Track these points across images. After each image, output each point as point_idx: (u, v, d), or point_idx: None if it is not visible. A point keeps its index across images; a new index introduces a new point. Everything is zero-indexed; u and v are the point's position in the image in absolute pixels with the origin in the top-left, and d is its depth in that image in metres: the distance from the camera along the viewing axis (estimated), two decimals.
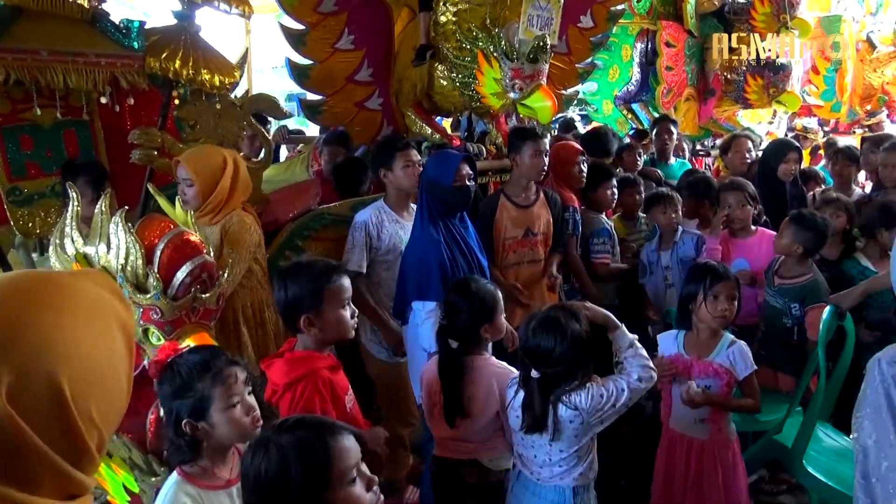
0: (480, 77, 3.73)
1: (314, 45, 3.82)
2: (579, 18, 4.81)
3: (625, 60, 6.98)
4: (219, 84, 3.01)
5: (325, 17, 3.79)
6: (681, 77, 6.93)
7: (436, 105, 4.22)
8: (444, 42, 3.93)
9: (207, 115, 3.07)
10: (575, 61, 5.02)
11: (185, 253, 2.02)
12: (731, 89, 7.31)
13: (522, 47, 3.62)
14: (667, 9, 6.87)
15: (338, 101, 4.02)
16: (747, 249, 3.65)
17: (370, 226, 3.17)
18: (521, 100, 3.65)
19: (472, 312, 2.36)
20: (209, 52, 3.06)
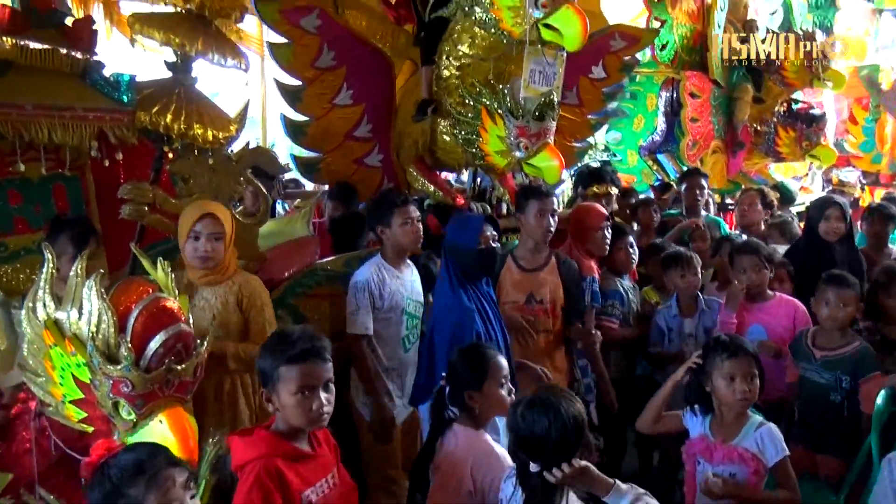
0: (484, 134, 3.77)
1: (311, 102, 3.89)
2: (591, 69, 4.87)
3: (650, 110, 7.04)
4: (212, 138, 3.07)
5: (323, 73, 3.88)
6: (707, 129, 6.94)
7: (438, 161, 4.26)
8: (446, 97, 3.99)
9: (201, 169, 3.09)
10: (587, 112, 5.07)
11: (160, 321, 1.96)
12: (761, 142, 7.34)
13: (528, 104, 3.65)
14: (692, 57, 6.94)
15: (336, 158, 4.09)
16: (764, 316, 3.50)
17: (372, 285, 3.13)
18: (526, 159, 3.67)
19: (461, 375, 2.31)
20: (204, 106, 3.14)
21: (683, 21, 6.78)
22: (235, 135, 3.22)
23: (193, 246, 2.73)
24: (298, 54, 3.85)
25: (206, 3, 3.04)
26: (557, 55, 3.73)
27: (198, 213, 2.76)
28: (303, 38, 3.83)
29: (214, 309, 2.79)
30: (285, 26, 3.79)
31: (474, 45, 3.82)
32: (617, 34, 4.85)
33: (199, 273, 2.78)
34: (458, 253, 2.96)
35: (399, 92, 4.36)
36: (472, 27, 3.79)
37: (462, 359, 2.36)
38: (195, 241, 2.73)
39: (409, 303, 3.21)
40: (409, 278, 3.25)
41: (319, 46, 3.87)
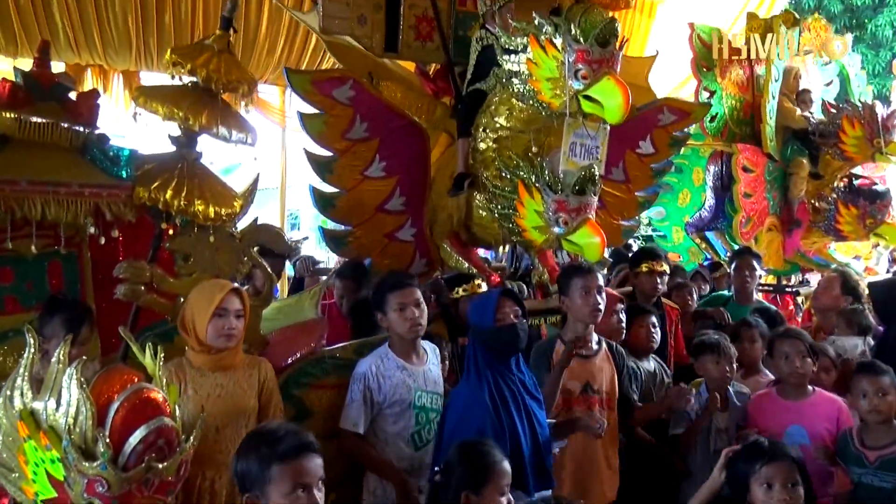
0: (521, 209, 3.63)
1: (342, 173, 3.85)
2: (638, 144, 4.67)
3: (696, 184, 6.83)
4: (214, 215, 2.96)
5: (355, 144, 3.84)
6: (761, 205, 6.67)
7: (474, 237, 4.15)
8: (483, 170, 3.91)
9: (202, 247, 3.01)
10: (634, 189, 4.83)
11: (142, 414, 1.85)
12: (820, 219, 6.98)
13: (567, 178, 3.52)
14: (743, 129, 6.73)
15: (365, 231, 4.01)
16: (804, 415, 3.12)
17: (369, 378, 2.94)
18: (565, 235, 3.52)
19: (458, 475, 2.22)
20: (207, 181, 3.05)
21: (733, 92, 6.63)
22: (241, 211, 3.11)
23: (221, 324, 2.67)
24: (330, 125, 3.79)
25: (212, 77, 2.97)
26: (600, 128, 3.60)
27: (224, 288, 2.72)
28: (335, 109, 3.77)
29: (233, 395, 2.72)
30: (317, 97, 3.73)
31: (512, 117, 3.75)
32: (666, 108, 4.67)
33: (213, 357, 2.71)
34: (478, 334, 2.85)
35: (434, 165, 4.26)
36: (510, 99, 3.73)
37: (464, 456, 2.28)
38: (222, 319, 2.67)
39: (421, 395, 3.01)
40: (422, 368, 3.05)
41: (352, 118, 3.81)
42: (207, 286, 2.81)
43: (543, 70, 3.38)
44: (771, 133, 6.59)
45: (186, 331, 2.74)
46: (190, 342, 2.74)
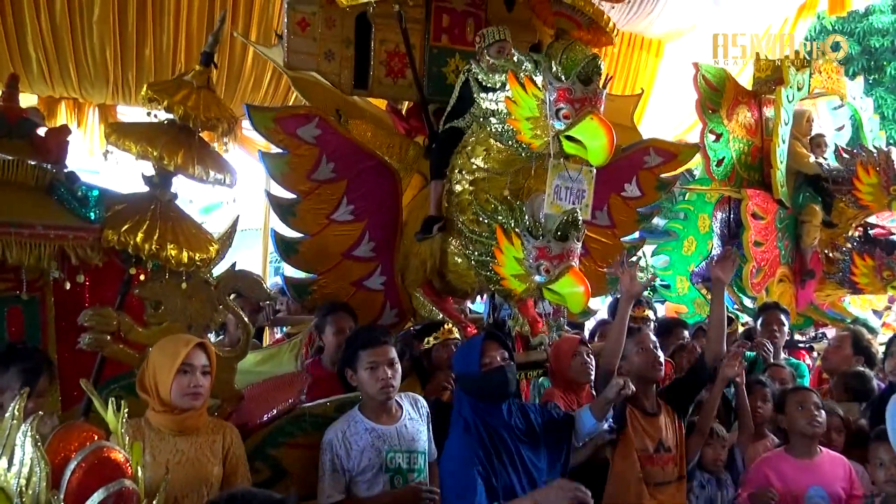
0: (499, 256, 3.83)
1: (306, 216, 4.04)
2: (623, 186, 5.00)
3: (702, 231, 7.19)
4: (187, 260, 3.12)
5: (321, 185, 4.05)
6: (773, 254, 6.99)
7: (449, 285, 4.34)
8: (458, 214, 4.11)
9: (174, 294, 3.15)
10: (620, 235, 5.16)
11: (100, 475, 1.93)
12: (834, 270, 7.31)
13: (549, 223, 3.72)
14: (751, 175, 7.08)
15: (331, 279, 4.18)
16: (820, 475, 3.45)
17: (336, 445, 3.10)
18: (547, 284, 3.70)
19: None
20: (181, 224, 3.22)
21: (740, 135, 7.01)
22: (217, 256, 3.29)
23: (186, 381, 2.76)
24: (294, 165, 4.02)
25: (190, 114, 3.15)
26: (586, 171, 3.83)
27: (189, 342, 2.82)
28: (299, 148, 4.01)
29: (194, 461, 2.79)
30: (280, 135, 3.98)
31: (490, 159, 3.95)
32: (652, 149, 5.00)
33: (176, 418, 2.79)
34: (464, 382, 3.07)
35: (406, 208, 4.48)
36: (487, 139, 3.94)
37: None
38: (187, 376, 2.77)
39: (394, 457, 3.14)
40: (395, 426, 3.19)
41: (318, 157, 4.05)
42: (170, 341, 2.90)
43: (523, 109, 3.56)
44: (781, 178, 6.95)
45: (147, 390, 2.81)
46: (151, 402, 2.81)
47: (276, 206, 4.09)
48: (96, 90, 7.30)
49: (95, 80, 7.12)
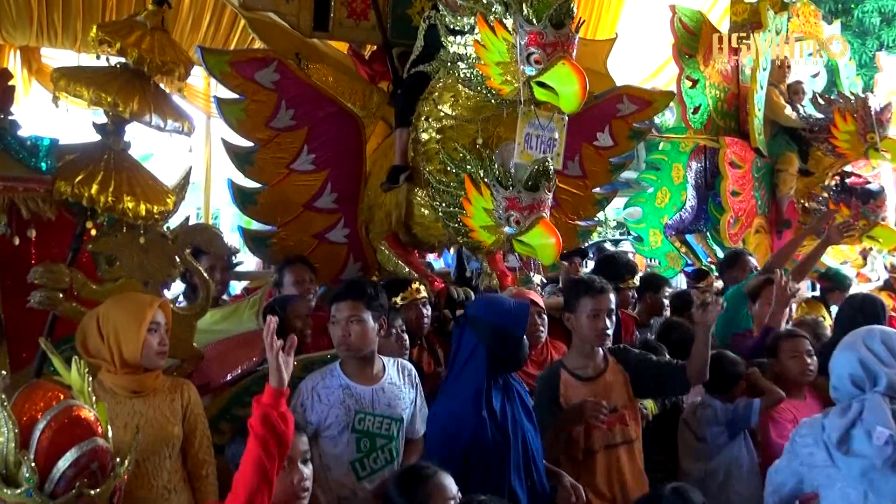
0: (468, 207, 3.90)
1: (264, 166, 4.07)
2: (596, 136, 5.12)
3: (676, 182, 7.30)
4: (145, 213, 3.14)
5: (280, 133, 4.08)
6: (749, 204, 7.17)
7: (415, 238, 4.42)
8: (425, 163, 4.17)
9: (130, 249, 3.17)
10: (592, 186, 5.29)
11: (72, 435, 1.98)
12: (810, 220, 7.43)
13: (519, 173, 3.80)
14: (727, 123, 7.25)
15: (291, 232, 4.23)
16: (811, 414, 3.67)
17: (304, 395, 3.16)
18: (517, 235, 3.79)
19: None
20: (137, 175, 3.23)
21: (717, 81, 7.15)
22: (173, 209, 3.30)
23: (156, 340, 2.85)
24: (251, 112, 4.03)
25: (145, 58, 3.13)
26: (557, 119, 3.90)
27: (153, 302, 2.89)
28: (257, 94, 4.02)
29: (153, 422, 2.84)
30: (237, 80, 3.98)
31: (458, 105, 4.00)
32: (626, 97, 5.10)
33: (135, 379, 2.85)
34: (495, 337, 3.02)
35: (370, 157, 4.53)
36: (455, 85, 3.97)
37: (396, 485, 2.51)
38: (156, 335, 2.86)
39: (364, 418, 3.15)
40: (371, 388, 3.20)
41: (276, 104, 4.07)
42: (130, 300, 2.94)
43: (492, 53, 3.60)
44: (759, 126, 7.11)
45: (93, 352, 2.83)
46: (105, 364, 2.83)
47: (232, 154, 4.10)
48: (18, 31, 7.15)
49: (18, 20, 6.98)
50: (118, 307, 2.91)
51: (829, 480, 2.60)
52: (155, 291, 3.22)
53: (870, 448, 2.48)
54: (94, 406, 2.14)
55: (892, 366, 2.55)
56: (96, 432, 2.05)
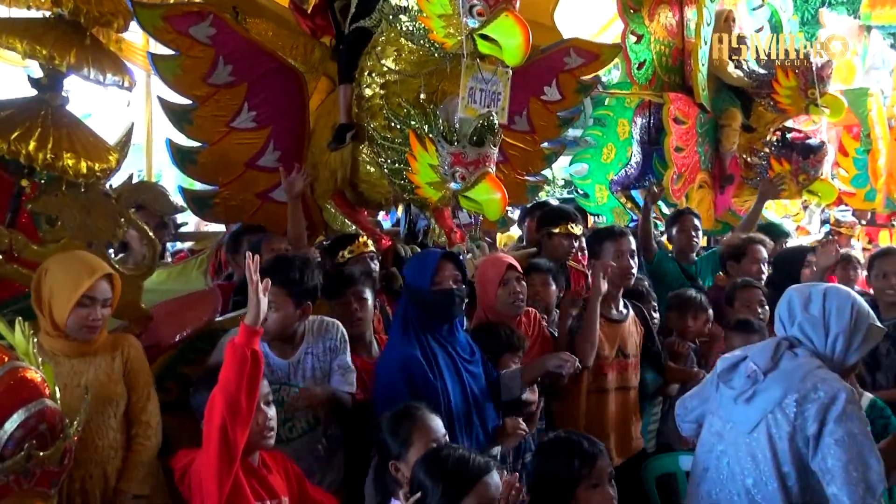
0: (413, 163, 3.98)
1: (204, 124, 4.07)
2: (543, 90, 5.20)
3: (622, 138, 7.42)
4: (86, 171, 3.14)
5: (219, 90, 4.06)
6: (693, 160, 7.35)
7: (362, 196, 4.47)
8: (369, 120, 4.22)
9: (72, 208, 3.17)
10: (540, 140, 5.39)
11: (18, 396, 2.02)
12: (752, 175, 7.75)
13: (464, 127, 3.87)
14: (672, 78, 7.40)
15: (234, 191, 4.25)
16: None
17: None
18: (463, 191, 3.88)
19: (384, 444, 2.53)
20: (77, 131, 3.22)
21: (661, 36, 7.27)
22: (116, 166, 3.30)
23: (84, 314, 2.82)
24: (188, 68, 4.01)
25: (81, 8, 3.11)
26: (501, 72, 3.96)
27: (93, 273, 2.85)
28: (193, 49, 4.00)
29: (95, 383, 2.87)
30: (171, 35, 3.95)
31: (401, 60, 4.04)
32: (572, 50, 5.16)
33: (70, 344, 2.87)
34: (413, 294, 3.21)
35: (313, 114, 4.54)
36: (397, 39, 4.01)
37: (386, 424, 2.60)
38: (86, 309, 2.82)
39: (281, 390, 3.18)
40: (288, 361, 3.25)
41: (214, 59, 4.05)
42: (73, 263, 2.90)
43: (434, 6, 3.62)
44: (703, 81, 7.28)
45: (41, 309, 2.84)
46: (43, 323, 2.84)
47: (169, 112, 4.08)
48: None
49: None
50: (59, 267, 2.90)
51: (709, 408, 2.86)
52: (100, 252, 3.21)
53: (740, 380, 2.71)
54: (41, 367, 2.17)
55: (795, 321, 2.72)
56: (43, 393, 2.09)
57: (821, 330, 2.66)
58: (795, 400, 2.54)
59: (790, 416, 2.54)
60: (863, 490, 2.41)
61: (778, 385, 2.60)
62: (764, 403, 2.61)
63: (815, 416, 2.50)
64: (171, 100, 4.14)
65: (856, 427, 2.47)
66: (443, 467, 2.28)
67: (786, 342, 2.70)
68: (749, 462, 2.63)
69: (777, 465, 2.57)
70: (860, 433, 2.47)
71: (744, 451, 2.64)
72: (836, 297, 2.68)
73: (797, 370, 2.60)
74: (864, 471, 2.42)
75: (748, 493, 2.63)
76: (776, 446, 2.57)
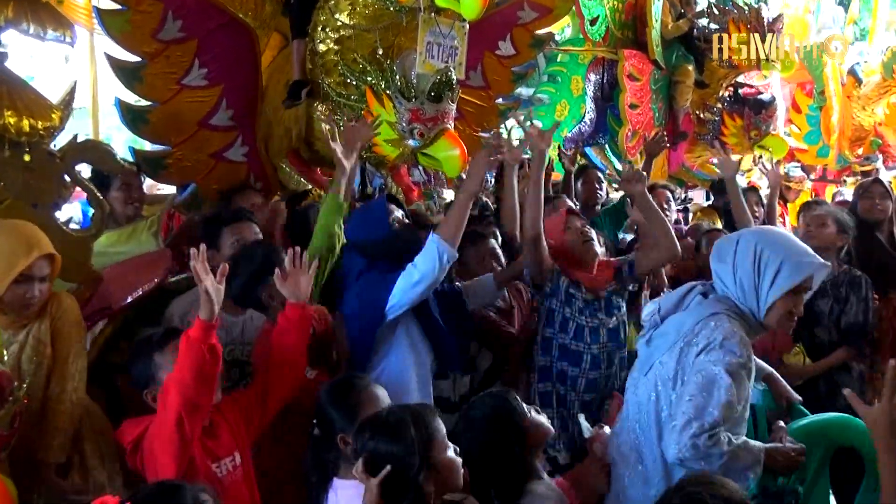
0: (370, 120, 3.90)
1: (154, 82, 3.96)
2: (497, 44, 5.15)
3: (575, 95, 7.47)
4: (29, 130, 3.04)
5: (168, 46, 3.96)
6: (647, 116, 7.47)
7: (317, 154, 4.40)
8: (324, 76, 4.16)
9: (14, 168, 3.08)
10: (494, 96, 5.36)
11: None
12: (705, 131, 7.94)
13: (421, 83, 3.83)
14: (625, 34, 7.44)
15: (188, 151, 4.16)
16: None
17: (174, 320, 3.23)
18: (422, 148, 3.86)
19: (329, 416, 2.50)
20: (18, 88, 3.12)
21: None
22: (60, 125, 3.20)
23: (20, 291, 2.77)
24: (136, 24, 3.89)
25: None
26: (458, 27, 3.93)
27: (30, 252, 2.79)
28: (141, 4, 3.87)
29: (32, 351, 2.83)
30: None
31: (355, 14, 3.98)
32: (526, 4, 5.11)
33: (4, 317, 2.82)
34: (370, 247, 3.19)
35: (266, 71, 4.47)
36: None
37: (329, 396, 2.57)
38: (23, 286, 2.77)
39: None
40: (241, 318, 3.30)
41: (163, 14, 3.93)
42: (10, 239, 2.84)
43: None
44: (657, 37, 7.34)
45: None
46: None
47: (118, 70, 3.96)
48: None
49: None
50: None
51: None
52: (45, 214, 3.14)
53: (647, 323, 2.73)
54: None
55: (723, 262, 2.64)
56: None
57: (730, 276, 2.58)
58: (681, 346, 2.51)
59: (674, 360, 2.51)
60: (690, 421, 2.35)
61: (673, 330, 2.56)
62: (658, 347, 2.60)
63: (692, 361, 2.47)
64: (120, 57, 4.00)
65: (720, 376, 2.39)
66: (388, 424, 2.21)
67: (700, 288, 2.65)
68: (637, 406, 2.62)
69: (657, 410, 2.55)
70: (721, 384, 2.38)
71: (642, 392, 2.62)
72: (746, 240, 2.61)
73: (691, 317, 2.55)
74: (703, 407, 2.35)
75: (636, 437, 2.63)
76: (659, 391, 2.54)
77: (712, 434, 2.32)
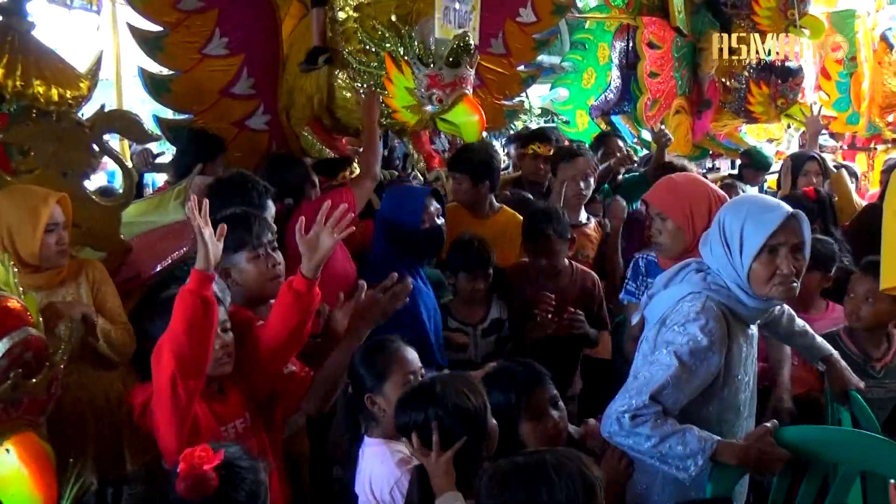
0: (389, 86, 3.98)
1: (175, 51, 4.02)
2: (518, 11, 5.15)
3: (602, 62, 7.43)
4: (58, 99, 3.12)
5: (189, 16, 4.01)
6: (669, 85, 7.34)
7: (339, 122, 4.44)
8: (344, 44, 4.19)
9: (44, 138, 3.16)
10: (516, 63, 5.35)
11: (3, 325, 2.02)
12: (730, 99, 7.79)
13: (440, 48, 3.85)
14: (650, 0, 7.29)
15: (210, 119, 4.21)
16: None
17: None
18: (440, 114, 3.89)
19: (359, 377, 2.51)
20: (46, 58, 3.20)
21: None
22: (87, 94, 3.28)
23: (54, 239, 2.88)
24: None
25: None
26: None
27: (47, 201, 2.87)
28: None
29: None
30: None
31: None
32: None
33: (40, 276, 2.91)
34: (398, 232, 3.21)
35: (287, 40, 4.49)
36: None
37: (360, 357, 2.58)
38: (53, 234, 2.88)
39: None
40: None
41: None
42: (24, 196, 2.92)
43: None
44: (679, 3, 7.18)
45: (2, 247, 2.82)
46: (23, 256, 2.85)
47: (140, 40, 4.03)
48: None
49: None
50: (11, 203, 2.90)
51: None
52: (75, 183, 3.21)
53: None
54: (22, 297, 2.18)
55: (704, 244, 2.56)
56: (27, 322, 2.10)
57: (710, 257, 2.49)
58: (660, 325, 2.47)
59: (653, 337, 2.47)
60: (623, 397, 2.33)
61: (662, 305, 2.52)
62: (648, 321, 2.58)
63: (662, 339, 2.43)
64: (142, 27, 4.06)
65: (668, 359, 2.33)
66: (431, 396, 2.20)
67: (694, 265, 2.56)
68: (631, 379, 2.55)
69: None
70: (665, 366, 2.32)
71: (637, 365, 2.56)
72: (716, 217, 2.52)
73: (674, 294, 2.50)
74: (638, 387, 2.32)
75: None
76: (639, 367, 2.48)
77: (636, 415, 2.27)
